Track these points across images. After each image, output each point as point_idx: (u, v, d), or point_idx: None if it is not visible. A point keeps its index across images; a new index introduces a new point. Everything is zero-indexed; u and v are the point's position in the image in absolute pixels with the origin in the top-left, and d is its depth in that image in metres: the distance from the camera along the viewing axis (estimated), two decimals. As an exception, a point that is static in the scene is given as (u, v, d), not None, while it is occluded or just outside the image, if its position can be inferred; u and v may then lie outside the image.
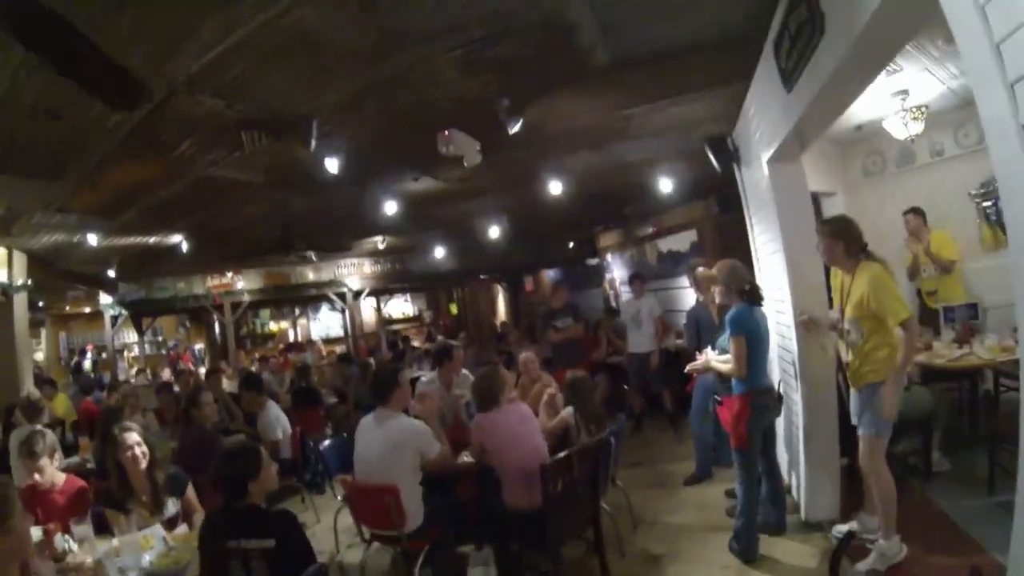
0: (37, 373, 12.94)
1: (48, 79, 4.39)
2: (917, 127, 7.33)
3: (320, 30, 4.38)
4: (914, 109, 7.23)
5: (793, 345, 5.70)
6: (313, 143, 5.85)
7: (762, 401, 5.43)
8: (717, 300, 5.87)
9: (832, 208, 9.32)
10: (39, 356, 17.00)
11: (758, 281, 6.11)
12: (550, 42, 5.01)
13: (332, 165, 6.95)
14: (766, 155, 5.75)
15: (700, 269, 7.81)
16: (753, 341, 5.30)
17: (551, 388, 6.54)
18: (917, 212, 7.94)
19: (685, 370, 6.29)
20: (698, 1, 4.62)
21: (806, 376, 5.56)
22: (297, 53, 4.67)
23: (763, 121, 5.84)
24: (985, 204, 8.00)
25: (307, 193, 8.87)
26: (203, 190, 7.93)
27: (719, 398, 6.08)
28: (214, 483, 3.80)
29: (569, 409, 5.98)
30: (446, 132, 6.32)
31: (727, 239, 11.41)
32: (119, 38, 4.05)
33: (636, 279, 10.46)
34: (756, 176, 6.50)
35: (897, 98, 7.09)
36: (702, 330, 7.39)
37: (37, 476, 4.69)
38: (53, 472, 4.79)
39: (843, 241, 4.73)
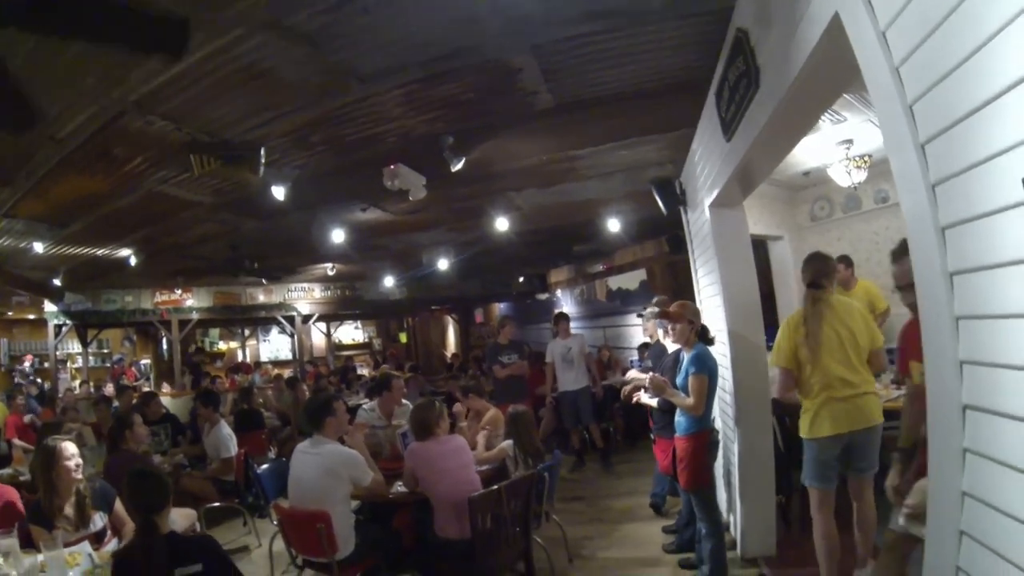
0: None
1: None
2: (860, 175, 7.52)
3: (268, 64, 4.48)
4: (857, 158, 7.42)
5: (730, 385, 5.81)
6: (261, 169, 5.90)
7: (714, 438, 5.48)
8: (672, 338, 5.84)
9: (778, 252, 9.49)
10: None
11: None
12: (493, 84, 5.15)
13: (279, 192, 6.98)
14: (708, 200, 5.87)
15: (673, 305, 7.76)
16: (712, 381, 5.30)
17: (490, 425, 6.56)
18: (848, 263, 7.87)
19: (627, 377, 6.19)
20: (640, 52, 4.78)
21: (742, 416, 5.65)
22: (245, 84, 4.76)
23: (706, 167, 5.96)
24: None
25: (256, 216, 8.90)
26: (153, 206, 7.93)
27: (653, 438, 6.15)
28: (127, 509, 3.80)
29: (508, 442, 6.02)
30: (392, 166, 6.42)
31: (678, 279, 11.55)
32: (64, 65, 4.13)
33: (562, 319, 10.40)
34: (700, 219, 6.62)
35: (842, 147, 7.27)
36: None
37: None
38: None
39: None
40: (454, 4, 3.95)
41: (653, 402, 5.97)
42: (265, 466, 6.77)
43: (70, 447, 4.55)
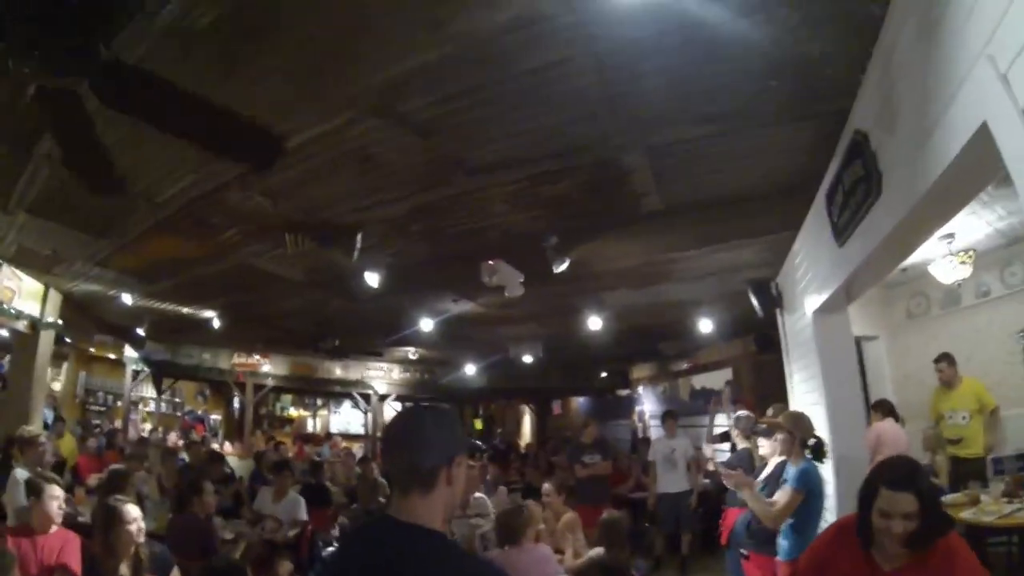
0: (54, 408, 12.93)
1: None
2: (964, 271, 7.13)
3: (374, 150, 4.53)
4: (961, 253, 7.07)
5: (832, 502, 5.44)
6: (356, 254, 5.97)
7: None
8: (777, 450, 5.57)
9: (873, 352, 9.21)
10: (56, 386, 16.89)
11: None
12: (603, 184, 5.13)
13: (372, 279, 7.07)
14: (812, 305, 5.70)
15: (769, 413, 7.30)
16: (816, 503, 4.89)
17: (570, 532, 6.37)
18: (951, 361, 7.48)
19: (723, 478, 5.91)
20: (752, 155, 4.72)
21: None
22: (349, 167, 4.83)
23: (811, 271, 5.80)
24: (1032, 346, 7.56)
25: (344, 297, 8.96)
26: (242, 276, 8.08)
27: (745, 552, 5.83)
28: None
29: (599, 550, 5.71)
30: (491, 262, 6.49)
31: (764, 380, 11.21)
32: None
33: (670, 417, 10.23)
34: (799, 323, 6.44)
35: (944, 242, 6.96)
36: None
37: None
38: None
39: None
40: (573, 101, 3.95)
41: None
42: (331, 548, 6.89)
43: (133, 511, 4.50)
